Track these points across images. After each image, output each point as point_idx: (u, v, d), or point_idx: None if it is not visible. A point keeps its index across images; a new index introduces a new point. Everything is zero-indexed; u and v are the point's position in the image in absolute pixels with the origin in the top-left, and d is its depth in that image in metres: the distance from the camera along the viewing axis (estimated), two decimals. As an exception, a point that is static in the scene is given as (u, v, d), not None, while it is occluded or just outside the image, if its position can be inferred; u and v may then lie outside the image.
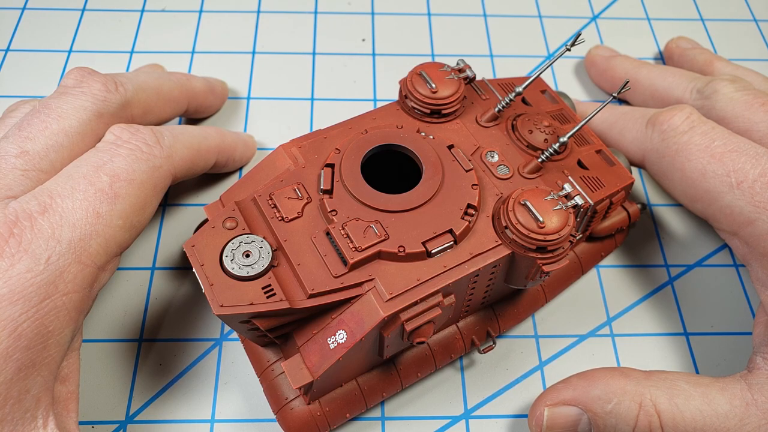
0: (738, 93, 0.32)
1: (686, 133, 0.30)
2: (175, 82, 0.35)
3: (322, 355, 0.24)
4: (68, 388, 0.25)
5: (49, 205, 0.24)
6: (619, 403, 0.26)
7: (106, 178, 0.26)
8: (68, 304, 0.24)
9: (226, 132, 0.35)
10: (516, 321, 0.31)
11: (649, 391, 0.26)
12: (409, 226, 0.25)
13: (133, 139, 0.27)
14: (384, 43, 0.43)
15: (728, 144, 0.29)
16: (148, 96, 0.32)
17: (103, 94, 0.29)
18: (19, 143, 0.26)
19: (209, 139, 0.32)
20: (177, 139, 0.29)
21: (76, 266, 0.24)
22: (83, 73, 0.30)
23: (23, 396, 0.22)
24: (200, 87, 0.37)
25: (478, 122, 0.29)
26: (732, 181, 0.28)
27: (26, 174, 0.26)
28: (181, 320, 0.32)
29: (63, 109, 0.28)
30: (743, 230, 0.28)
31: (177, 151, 0.29)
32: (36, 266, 0.23)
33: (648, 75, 0.38)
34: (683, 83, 0.36)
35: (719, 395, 0.25)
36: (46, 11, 0.44)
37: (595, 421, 0.26)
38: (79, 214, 0.25)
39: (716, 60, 0.38)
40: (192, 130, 0.31)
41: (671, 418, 0.25)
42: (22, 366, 0.22)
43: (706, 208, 0.29)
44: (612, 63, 0.41)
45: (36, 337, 0.23)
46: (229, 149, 0.34)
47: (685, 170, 0.29)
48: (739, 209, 0.28)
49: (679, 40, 0.42)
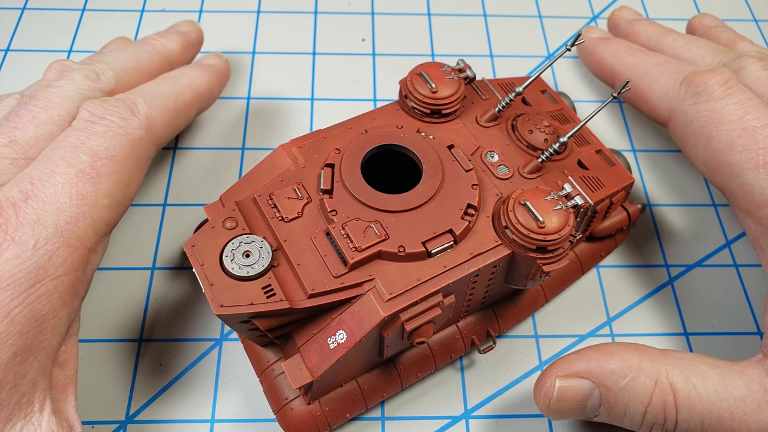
0: (765, 72, 0.31)
1: (722, 99, 0.29)
2: (152, 52, 0.34)
3: (322, 355, 0.24)
4: (66, 373, 0.25)
5: (30, 191, 0.24)
6: (634, 380, 0.24)
7: (86, 157, 0.26)
8: (60, 288, 0.24)
9: (197, 75, 0.34)
10: (516, 321, 0.31)
11: (665, 368, 0.25)
12: (409, 226, 0.25)
13: (107, 114, 0.27)
14: (384, 43, 0.43)
15: (762, 119, 0.27)
16: (129, 77, 0.32)
17: (86, 83, 0.29)
18: (7, 133, 0.26)
19: (185, 93, 0.32)
20: (152, 105, 0.29)
21: (65, 249, 0.24)
22: (63, 66, 0.30)
23: (19, 381, 0.22)
24: (176, 46, 0.36)
25: (478, 122, 0.29)
26: (759, 159, 0.27)
27: (15, 162, 0.26)
28: (181, 320, 0.32)
29: (50, 99, 0.28)
30: (760, 211, 0.27)
31: (155, 118, 0.29)
32: (23, 252, 0.23)
33: (672, 44, 0.36)
34: (709, 56, 0.34)
35: (737, 379, 0.24)
36: (46, 11, 0.44)
37: (606, 397, 0.25)
38: (62, 197, 0.24)
39: (740, 40, 0.37)
40: (165, 90, 0.31)
41: (687, 397, 0.24)
42: (18, 351, 0.22)
43: (726, 181, 0.28)
44: (635, 27, 0.38)
45: (29, 322, 0.23)
46: (206, 94, 0.33)
47: (712, 139, 0.28)
48: (759, 189, 0.27)
49: (703, 17, 0.40)
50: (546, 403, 0.26)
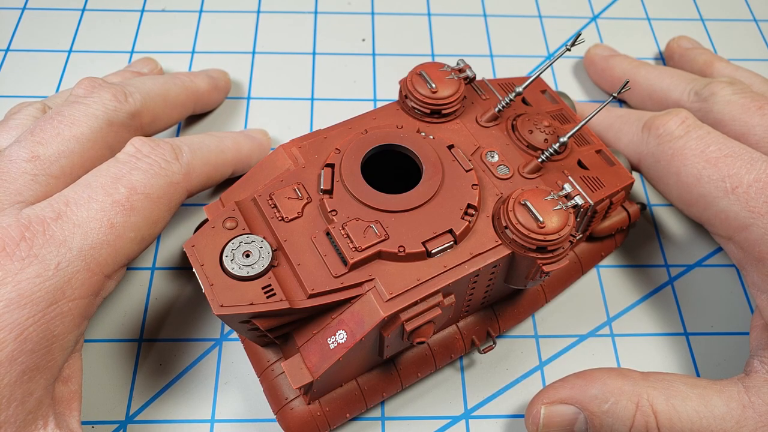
0: (736, 96, 0.32)
1: (681, 137, 0.30)
2: (180, 86, 0.35)
3: (322, 355, 0.24)
4: (71, 388, 0.25)
5: (63, 212, 0.25)
6: (616, 403, 0.26)
7: (124, 190, 0.26)
8: (74, 310, 0.24)
9: (242, 140, 0.34)
10: (516, 321, 0.31)
11: (646, 391, 0.26)
12: (409, 226, 0.25)
13: (152, 154, 0.28)
14: (384, 43, 0.43)
15: (723, 149, 0.29)
16: (155, 104, 0.32)
17: (113, 104, 0.30)
18: (31, 148, 0.27)
19: (226, 152, 0.32)
20: (195, 155, 0.30)
21: (85, 274, 0.24)
22: (93, 83, 0.30)
23: (27, 398, 0.23)
24: (204, 87, 0.37)
25: (478, 122, 0.29)
26: (727, 186, 0.28)
27: (36, 179, 0.26)
28: (181, 320, 0.32)
29: (75, 116, 0.28)
30: (738, 235, 0.28)
31: (195, 168, 0.29)
32: (45, 272, 0.23)
33: (646, 75, 0.38)
34: (681, 85, 0.36)
35: (716, 397, 0.25)
36: (46, 11, 0.44)
37: (591, 421, 0.26)
38: (93, 223, 0.25)
39: (717, 61, 0.38)
40: (209, 144, 0.31)
41: (668, 418, 0.25)
42: (26, 369, 0.23)
43: (702, 212, 0.29)
44: (611, 62, 0.40)
45: (41, 341, 0.23)
46: (245, 159, 0.34)
47: (681, 175, 0.30)
48: (734, 214, 0.28)
49: (681, 39, 0.42)
50: (535, 429, 0.27)
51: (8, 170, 0.26)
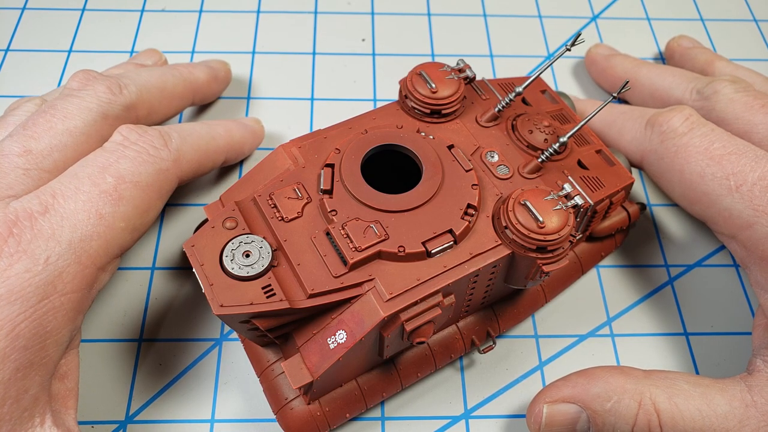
0: (738, 94, 0.32)
1: (685, 134, 0.30)
2: (178, 77, 0.34)
3: (322, 355, 0.24)
4: (67, 386, 0.25)
5: (50, 204, 0.24)
6: (619, 401, 0.26)
7: (111, 179, 0.26)
8: (67, 305, 0.24)
9: (234, 127, 0.34)
10: (516, 321, 0.31)
11: (648, 389, 0.26)
12: (409, 226, 0.25)
13: (140, 141, 0.27)
14: (384, 43, 0.43)
15: (727, 146, 0.29)
16: (152, 96, 0.32)
17: (108, 96, 0.29)
18: (23, 142, 0.26)
19: (217, 139, 0.32)
20: (185, 141, 0.29)
21: (76, 267, 0.24)
22: (88, 75, 0.30)
23: (22, 396, 0.23)
24: (203, 78, 0.36)
25: (478, 122, 0.29)
26: (731, 184, 0.28)
27: (28, 173, 0.26)
28: (181, 320, 0.32)
29: (68, 109, 0.28)
30: (742, 233, 0.28)
31: (184, 153, 0.29)
32: (34, 266, 0.23)
33: (648, 74, 0.38)
34: (683, 83, 0.35)
35: (719, 396, 0.25)
36: (46, 11, 0.44)
37: (594, 419, 0.26)
38: (81, 215, 0.25)
39: (717, 60, 0.38)
40: (200, 131, 0.31)
41: (670, 417, 0.25)
42: (20, 366, 0.22)
43: (705, 210, 0.29)
44: (612, 62, 0.40)
45: (34, 338, 0.23)
46: (238, 146, 0.34)
47: (684, 172, 0.29)
48: (737, 212, 0.28)
49: (681, 38, 0.42)
50: (536, 428, 0.27)
51: (0, 165, 0.26)
